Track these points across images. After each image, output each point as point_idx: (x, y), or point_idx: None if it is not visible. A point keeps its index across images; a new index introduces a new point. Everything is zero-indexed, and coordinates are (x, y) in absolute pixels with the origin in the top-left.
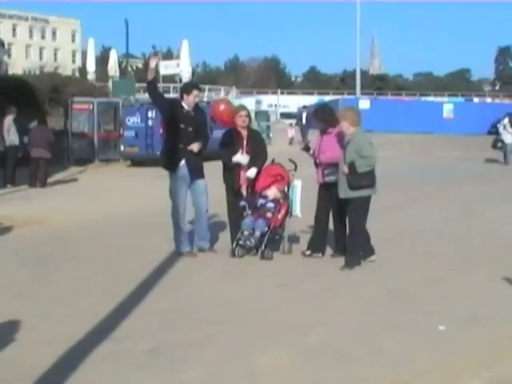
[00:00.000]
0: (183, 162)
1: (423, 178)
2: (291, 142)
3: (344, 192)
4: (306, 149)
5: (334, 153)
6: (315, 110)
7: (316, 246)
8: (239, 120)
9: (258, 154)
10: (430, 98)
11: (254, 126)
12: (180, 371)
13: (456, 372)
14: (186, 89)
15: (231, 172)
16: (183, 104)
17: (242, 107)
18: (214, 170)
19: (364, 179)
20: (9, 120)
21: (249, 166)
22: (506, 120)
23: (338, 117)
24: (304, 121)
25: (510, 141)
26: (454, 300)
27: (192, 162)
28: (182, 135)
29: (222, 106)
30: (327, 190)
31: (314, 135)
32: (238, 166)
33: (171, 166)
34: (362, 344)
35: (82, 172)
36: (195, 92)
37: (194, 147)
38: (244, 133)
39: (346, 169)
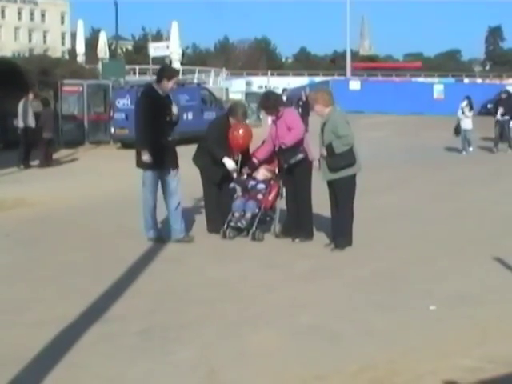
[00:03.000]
0: (168, 156)
1: (412, 159)
2: None
3: (325, 175)
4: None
5: (284, 137)
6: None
7: (287, 230)
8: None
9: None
10: (421, 79)
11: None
12: (171, 352)
13: (446, 351)
14: (169, 74)
15: (214, 163)
16: (158, 90)
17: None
18: (189, 152)
19: (343, 159)
20: (24, 102)
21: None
22: (465, 103)
23: (279, 103)
24: None
25: (469, 126)
26: (444, 279)
27: (174, 154)
28: (167, 127)
29: (240, 133)
30: (289, 173)
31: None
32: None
33: (160, 164)
34: (353, 324)
35: (73, 154)
36: (175, 79)
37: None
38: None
39: (324, 151)
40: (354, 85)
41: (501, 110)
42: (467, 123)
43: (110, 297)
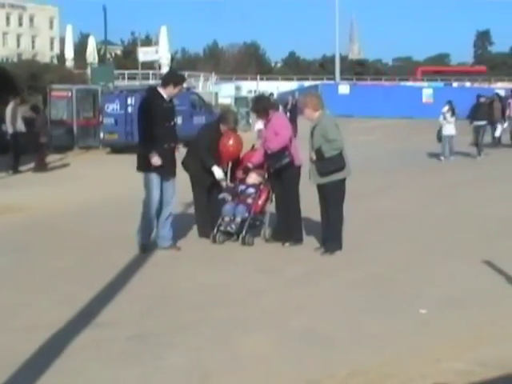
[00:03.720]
0: (168, 162)
1: (402, 163)
2: (259, 135)
3: (315, 179)
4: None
5: (271, 142)
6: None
7: (277, 234)
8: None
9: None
10: (410, 83)
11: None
12: (163, 357)
13: (437, 354)
14: (177, 80)
15: (204, 168)
16: (163, 95)
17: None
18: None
19: (333, 163)
20: (13, 107)
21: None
22: (446, 108)
23: (270, 106)
24: None
25: (451, 132)
26: (435, 283)
27: (174, 161)
28: (168, 132)
29: (231, 142)
30: (277, 178)
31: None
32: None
33: (161, 169)
34: (344, 328)
35: (62, 159)
36: (181, 86)
37: (182, 149)
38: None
39: (313, 155)
40: (344, 89)
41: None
42: (450, 129)
43: (101, 302)
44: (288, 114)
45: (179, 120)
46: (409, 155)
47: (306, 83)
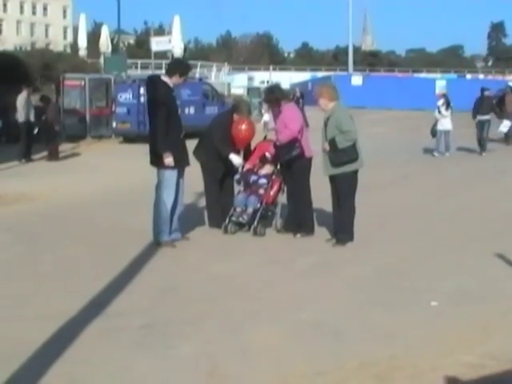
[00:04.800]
0: (184, 153)
1: (415, 155)
2: (265, 126)
3: (327, 170)
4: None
5: (280, 133)
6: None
7: (288, 225)
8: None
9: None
10: (423, 75)
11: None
12: (174, 347)
13: (448, 348)
14: (184, 70)
15: (216, 158)
16: (169, 84)
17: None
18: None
19: (346, 155)
20: (26, 96)
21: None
22: (441, 101)
23: (282, 97)
24: None
25: (447, 126)
26: (446, 276)
27: (187, 151)
28: (180, 122)
29: (243, 127)
30: (288, 169)
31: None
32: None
33: (181, 162)
34: (355, 320)
35: (74, 149)
36: (186, 76)
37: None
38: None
39: (327, 146)
40: (356, 80)
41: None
42: (445, 123)
43: (111, 292)
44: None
45: (192, 110)
46: (421, 147)
47: (319, 74)
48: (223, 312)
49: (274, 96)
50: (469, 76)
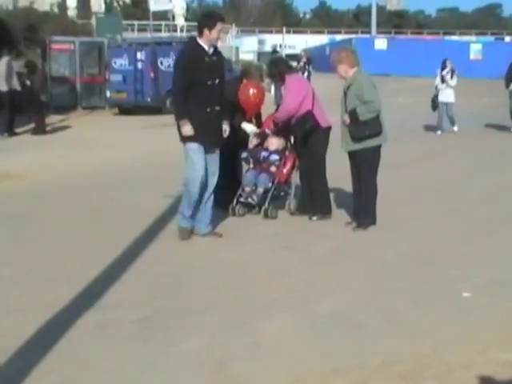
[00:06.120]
0: (212, 130)
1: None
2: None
3: (347, 145)
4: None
5: (283, 106)
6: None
7: (303, 207)
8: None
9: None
10: (455, 38)
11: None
12: (175, 343)
13: (482, 343)
14: (210, 22)
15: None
16: (204, 46)
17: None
18: None
19: (368, 128)
20: (7, 62)
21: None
22: (447, 69)
23: (286, 70)
24: None
25: (450, 98)
26: (480, 264)
27: (218, 127)
28: (210, 94)
29: (252, 92)
30: (303, 144)
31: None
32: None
33: (208, 140)
34: (377, 312)
35: (64, 121)
36: (219, 26)
37: (227, 131)
38: None
39: (347, 118)
40: (380, 44)
41: None
42: (449, 95)
43: (107, 281)
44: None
45: None
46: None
47: (338, 37)
48: (231, 303)
49: (277, 70)
50: (508, 39)
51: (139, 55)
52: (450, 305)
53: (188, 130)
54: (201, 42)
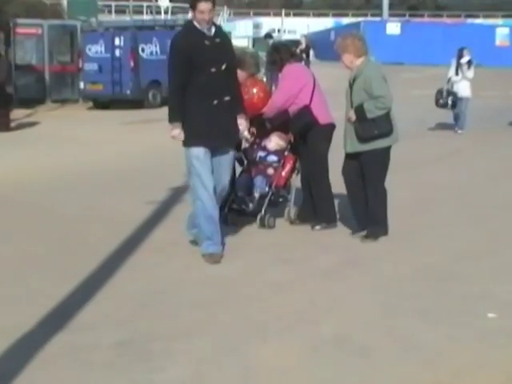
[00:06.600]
0: (222, 125)
1: (468, 124)
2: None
3: (352, 145)
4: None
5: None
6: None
7: (304, 214)
8: None
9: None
10: (479, 21)
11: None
12: (158, 370)
13: (508, 372)
14: (190, 1)
15: None
16: (202, 29)
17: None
18: None
19: (377, 127)
20: None
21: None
22: (466, 58)
23: (287, 58)
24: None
25: (466, 92)
26: (506, 280)
27: (227, 121)
28: (216, 83)
29: (255, 90)
30: (303, 143)
31: None
32: None
33: (202, 139)
34: (389, 335)
35: (30, 116)
36: (202, 6)
37: (243, 125)
38: None
39: (352, 115)
40: (393, 28)
41: None
42: (463, 88)
43: (79, 299)
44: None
45: None
46: (474, 115)
47: (345, 20)
48: (222, 324)
49: (279, 56)
50: None
51: (117, 41)
52: (471, 327)
53: (176, 134)
54: (197, 24)
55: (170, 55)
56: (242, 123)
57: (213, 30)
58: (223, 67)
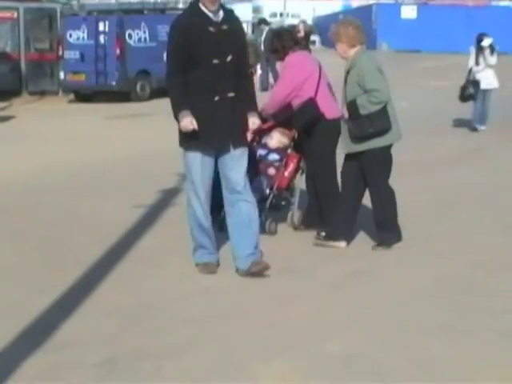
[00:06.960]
0: (216, 126)
1: (491, 120)
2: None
3: (347, 145)
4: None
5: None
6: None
7: (309, 219)
8: None
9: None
10: (505, 3)
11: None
12: None
13: None
14: None
15: None
16: (208, 13)
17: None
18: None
19: (372, 124)
20: None
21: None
22: (487, 41)
23: (290, 46)
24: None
25: (493, 84)
26: None
27: (233, 118)
28: (218, 77)
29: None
30: (305, 141)
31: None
32: None
33: (199, 142)
34: (402, 352)
35: (5, 110)
36: None
37: (256, 124)
38: None
39: (345, 111)
40: (408, 11)
41: None
42: (488, 78)
43: (61, 313)
44: None
45: None
46: (499, 108)
47: (355, 3)
48: (217, 341)
49: (281, 44)
50: None
51: (101, 26)
52: (495, 344)
53: (188, 123)
54: (202, 6)
55: (168, 39)
56: (255, 122)
57: (221, 14)
58: (228, 59)
